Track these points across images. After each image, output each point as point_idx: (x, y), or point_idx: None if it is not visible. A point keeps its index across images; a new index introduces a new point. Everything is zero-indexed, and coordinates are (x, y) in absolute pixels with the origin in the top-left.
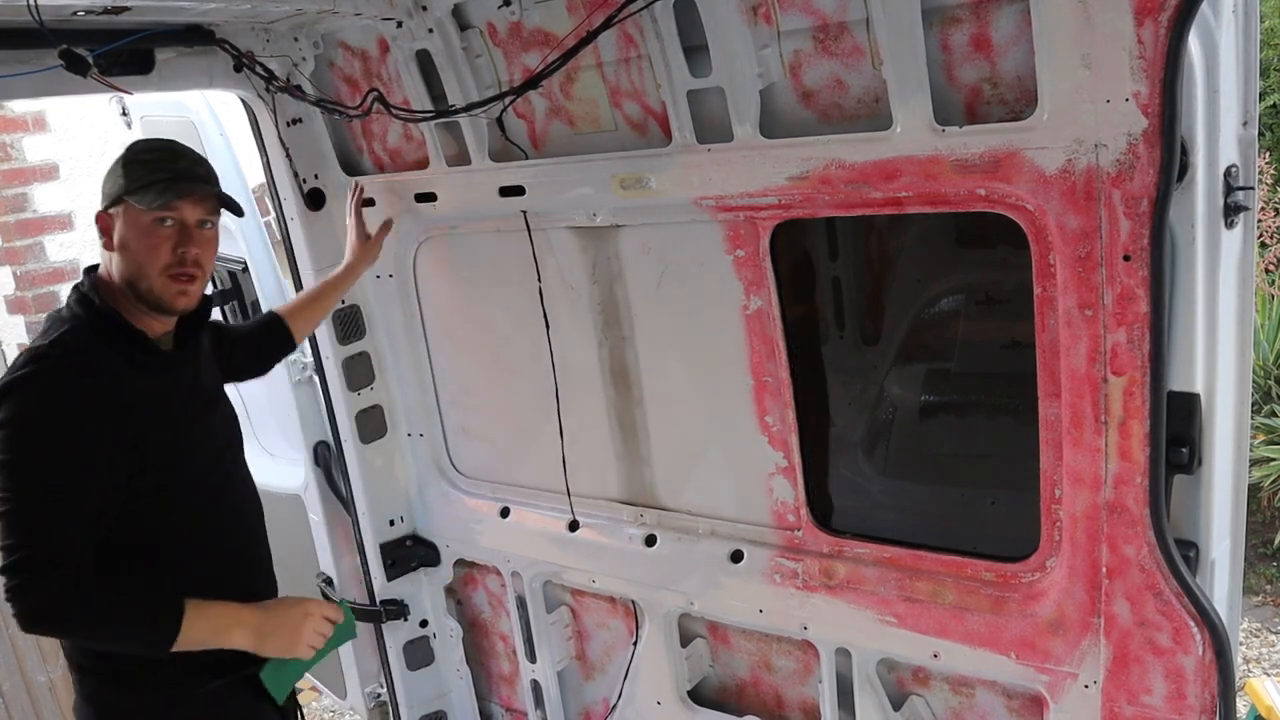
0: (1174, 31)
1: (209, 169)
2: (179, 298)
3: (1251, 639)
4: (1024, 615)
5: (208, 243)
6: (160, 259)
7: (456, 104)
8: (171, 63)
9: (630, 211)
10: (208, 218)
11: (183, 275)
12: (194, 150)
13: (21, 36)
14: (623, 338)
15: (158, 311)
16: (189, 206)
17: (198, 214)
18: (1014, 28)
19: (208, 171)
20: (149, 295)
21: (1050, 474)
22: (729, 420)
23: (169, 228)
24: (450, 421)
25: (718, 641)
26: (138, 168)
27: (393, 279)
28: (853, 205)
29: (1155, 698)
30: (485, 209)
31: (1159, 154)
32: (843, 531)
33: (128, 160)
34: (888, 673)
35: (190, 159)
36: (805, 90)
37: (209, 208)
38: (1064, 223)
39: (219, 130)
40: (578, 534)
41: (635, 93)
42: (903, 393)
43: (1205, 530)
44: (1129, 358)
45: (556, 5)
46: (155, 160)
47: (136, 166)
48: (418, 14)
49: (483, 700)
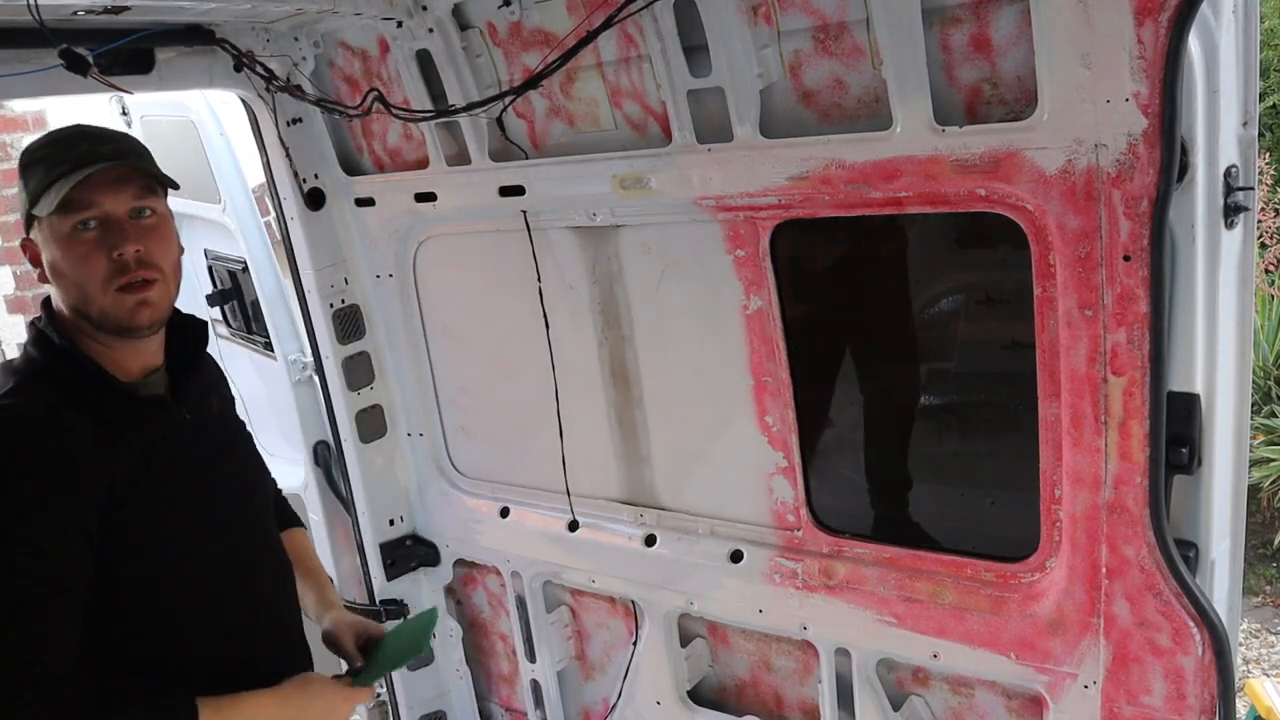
0: (1174, 31)
1: (125, 144)
2: (139, 311)
3: (1251, 639)
4: (1024, 615)
5: (151, 234)
6: (96, 270)
7: (456, 104)
8: (171, 62)
9: (630, 211)
10: (141, 204)
11: (133, 283)
12: (104, 128)
13: (21, 36)
14: (623, 338)
15: (125, 337)
16: (107, 196)
17: (124, 202)
18: (1014, 28)
19: (121, 147)
20: (104, 320)
21: (1050, 474)
22: (729, 420)
23: (92, 230)
24: (450, 421)
25: (717, 641)
26: (35, 171)
27: (393, 279)
28: (853, 205)
29: (1155, 698)
30: (485, 209)
31: (1159, 154)
32: (842, 531)
33: (24, 165)
34: (887, 673)
35: (93, 138)
36: (805, 90)
37: (137, 191)
38: (1064, 223)
39: (219, 130)
40: (577, 534)
41: (635, 93)
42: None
43: (1205, 530)
44: (1129, 358)
45: (556, 5)
46: (49, 155)
47: (34, 170)
48: (418, 14)
49: (482, 700)
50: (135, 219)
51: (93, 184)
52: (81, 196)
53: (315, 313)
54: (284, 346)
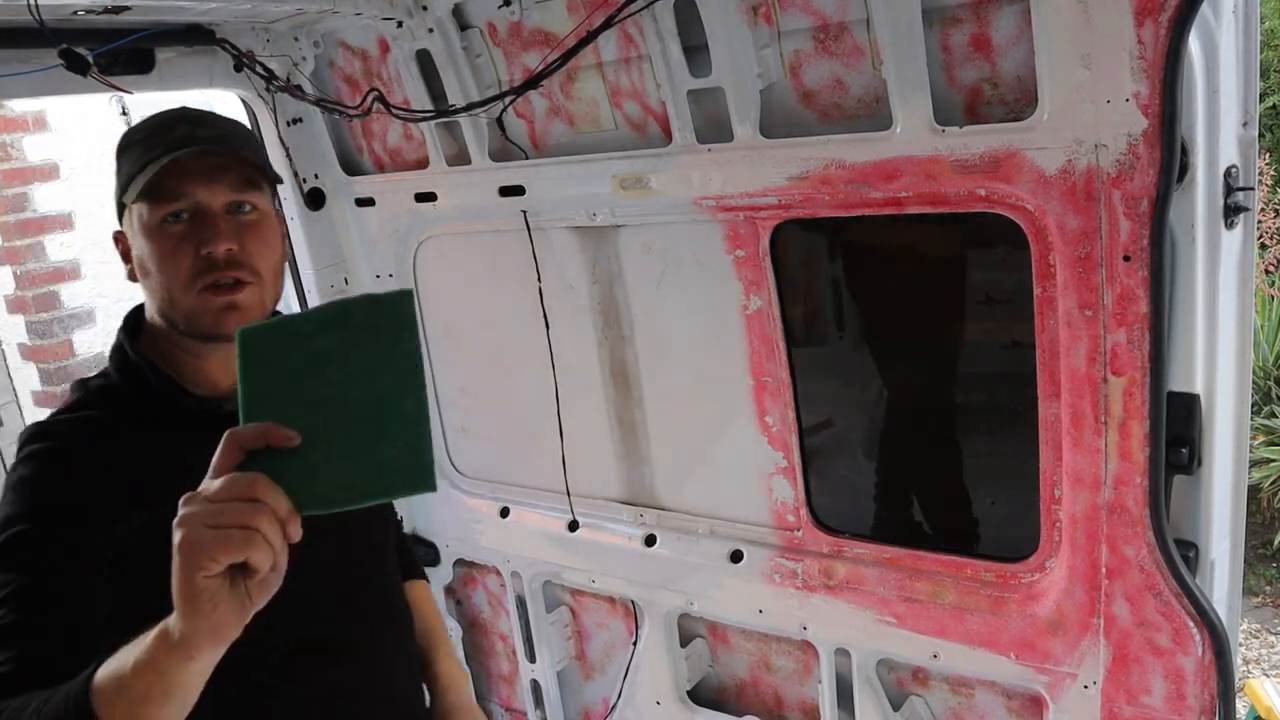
0: (1174, 32)
1: (229, 129)
2: (224, 316)
3: (1251, 640)
4: (1024, 616)
5: (249, 232)
6: (182, 269)
7: (456, 104)
8: (171, 62)
9: (630, 211)
10: (239, 197)
11: (220, 283)
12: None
13: (21, 36)
14: (623, 337)
15: (210, 343)
16: (201, 186)
17: (221, 194)
18: (1014, 28)
19: (223, 131)
20: (189, 325)
21: (1050, 474)
22: (729, 420)
23: (182, 222)
24: (450, 421)
25: (717, 641)
26: (130, 155)
27: (393, 279)
28: (853, 205)
29: (1155, 698)
30: (485, 209)
31: (1159, 154)
32: (842, 531)
33: (121, 148)
34: (887, 673)
35: (193, 120)
36: (805, 90)
37: (236, 182)
38: (1064, 223)
39: None
40: (577, 534)
41: (635, 93)
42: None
43: (1205, 531)
44: (1129, 358)
45: (556, 5)
46: (146, 137)
47: (129, 154)
48: (418, 14)
49: (482, 700)
50: (232, 214)
51: (186, 171)
52: (172, 185)
53: None
54: None
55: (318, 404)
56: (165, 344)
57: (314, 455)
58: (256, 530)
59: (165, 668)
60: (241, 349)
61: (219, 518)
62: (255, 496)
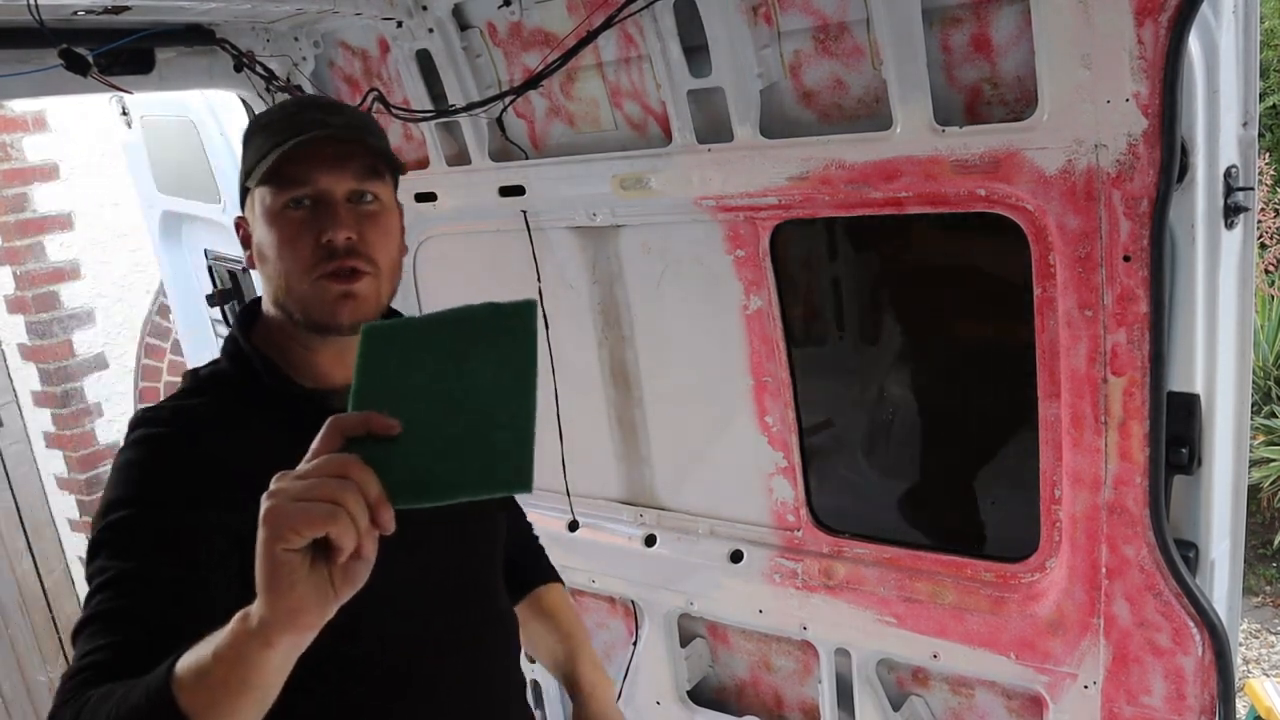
0: (1174, 32)
1: (358, 119)
2: (341, 305)
3: (1251, 640)
4: (1023, 616)
5: (370, 222)
6: (301, 256)
7: (456, 104)
8: (171, 62)
9: (630, 211)
10: (363, 186)
11: (339, 271)
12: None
13: (21, 36)
14: (623, 337)
15: (324, 334)
16: (325, 173)
17: (345, 182)
18: (1014, 28)
19: (352, 120)
20: (304, 313)
21: (1050, 474)
22: (729, 420)
23: (304, 209)
24: None
25: (717, 641)
26: (256, 139)
27: None
28: (853, 205)
29: (1155, 698)
30: (485, 209)
31: (1159, 154)
32: (842, 531)
33: (249, 133)
34: (887, 673)
35: (323, 107)
36: (805, 90)
37: (360, 171)
38: (1064, 223)
39: (219, 130)
40: (577, 534)
41: (635, 93)
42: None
43: (1205, 531)
44: (1129, 358)
45: (556, 5)
46: (272, 122)
47: (255, 139)
48: (418, 14)
49: None
50: (355, 203)
51: (311, 158)
52: (296, 171)
53: None
54: None
55: (425, 400)
56: (278, 334)
57: (415, 447)
58: (342, 506)
59: (244, 653)
60: (362, 344)
61: (306, 492)
62: (345, 474)
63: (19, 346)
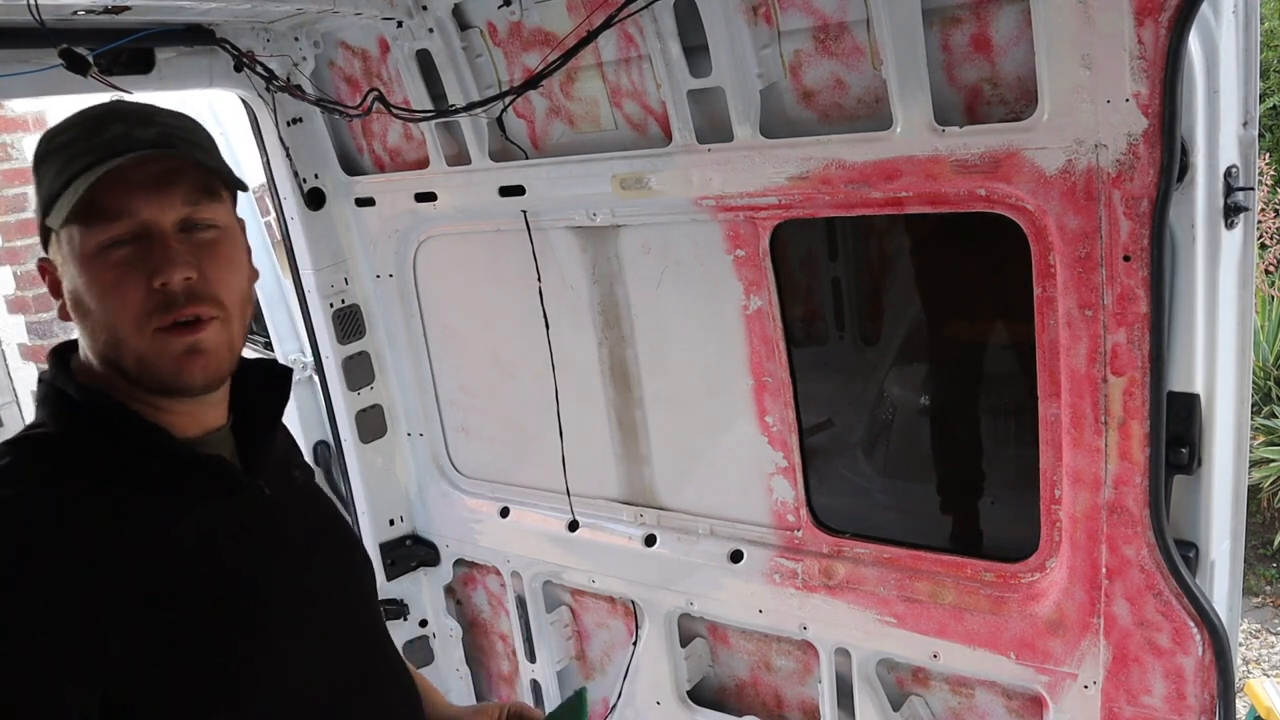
0: (1174, 32)
1: (176, 126)
2: (188, 362)
3: (1251, 640)
4: (1024, 616)
5: (209, 255)
6: (130, 305)
7: (456, 104)
8: (171, 62)
9: (630, 211)
10: (196, 211)
11: (181, 322)
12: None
13: (21, 36)
14: (623, 338)
15: (171, 396)
16: (147, 201)
17: (172, 209)
18: (1014, 28)
19: (169, 130)
20: (142, 373)
21: (1050, 474)
22: (729, 420)
23: (125, 248)
24: (450, 421)
25: (717, 641)
26: (51, 165)
27: (393, 279)
28: (853, 205)
29: (1155, 698)
30: (485, 209)
31: (1159, 154)
32: (842, 531)
33: (41, 155)
34: (887, 673)
35: (131, 116)
36: (805, 90)
37: (190, 192)
38: (1064, 223)
39: (219, 130)
40: (577, 534)
41: (635, 93)
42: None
43: (1205, 531)
44: (1129, 358)
45: (556, 5)
46: (70, 141)
47: (50, 164)
48: (418, 14)
49: (482, 700)
50: (187, 233)
51: (126, 182)
52: (110, 202)
53: (315, 313)
54: (284, 346)
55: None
56: (110, 389)
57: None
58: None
59: None
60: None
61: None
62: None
63: (19, 346)
